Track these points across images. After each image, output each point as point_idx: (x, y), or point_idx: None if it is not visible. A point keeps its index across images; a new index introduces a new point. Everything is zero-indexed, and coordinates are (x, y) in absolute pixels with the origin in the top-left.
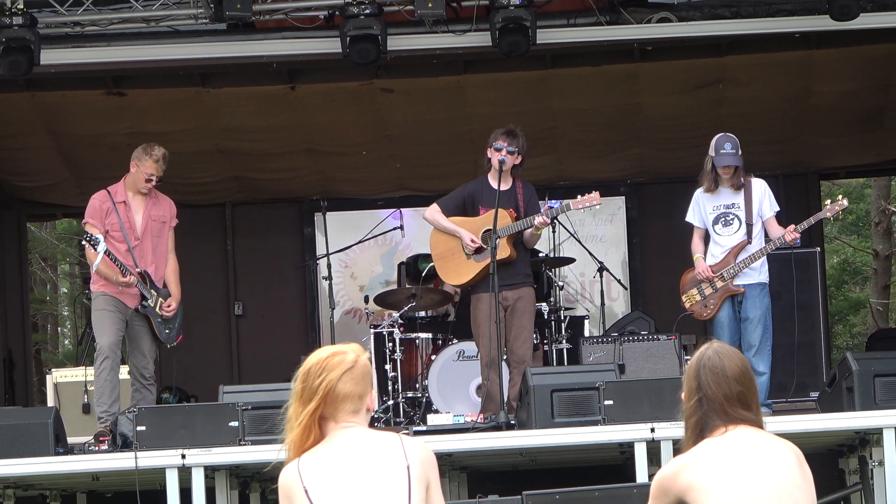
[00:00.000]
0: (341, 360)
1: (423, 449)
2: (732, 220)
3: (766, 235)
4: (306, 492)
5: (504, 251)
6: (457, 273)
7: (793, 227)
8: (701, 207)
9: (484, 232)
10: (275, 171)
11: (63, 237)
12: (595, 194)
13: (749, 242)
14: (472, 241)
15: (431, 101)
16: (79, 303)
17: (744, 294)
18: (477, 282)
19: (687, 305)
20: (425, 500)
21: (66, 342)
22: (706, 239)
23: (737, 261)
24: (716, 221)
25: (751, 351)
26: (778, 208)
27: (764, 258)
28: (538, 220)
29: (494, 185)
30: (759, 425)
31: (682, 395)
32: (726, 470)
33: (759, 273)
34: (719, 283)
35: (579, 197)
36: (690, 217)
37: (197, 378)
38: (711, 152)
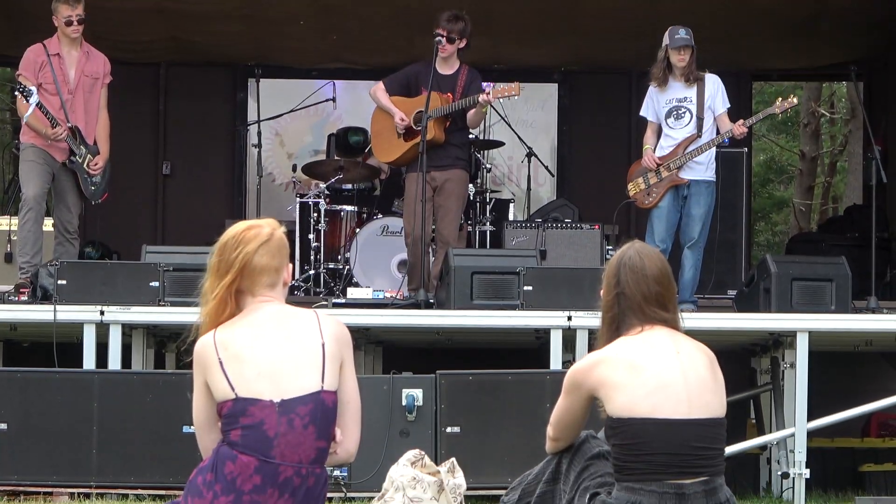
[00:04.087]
0: (257, 233)
1: (338, 326)
2: (684, 113)
3: (718, 132)
4: (221, 363)
5: (431, 133)
6: (388, 151)
7: (741, 121)
8: (654, 101)
9: (417, 113)
10: (212, 34)
11: None
12: (515, 85)
13: (699, 136)
14: (402, 119)
15: None
16: (8, 150)
17: (688, 189)
18: (406, 161)
19: (631, 193)
20: (338, 376)
21: None
22: (659, 134)
23: (684, 152)
24: (668, 115)
25: (689, 244)
26: (729, 105)
27: (711, 154)
28: (482, 97)
29: (438, 68)
30: (675, 326)
31: (601, 292)
32: (639, 368)
33: (705, 169)
34: (665, 173)
35: (500, 86)
36: (644, 111)
37: (121, 235)
38: (666, 41)
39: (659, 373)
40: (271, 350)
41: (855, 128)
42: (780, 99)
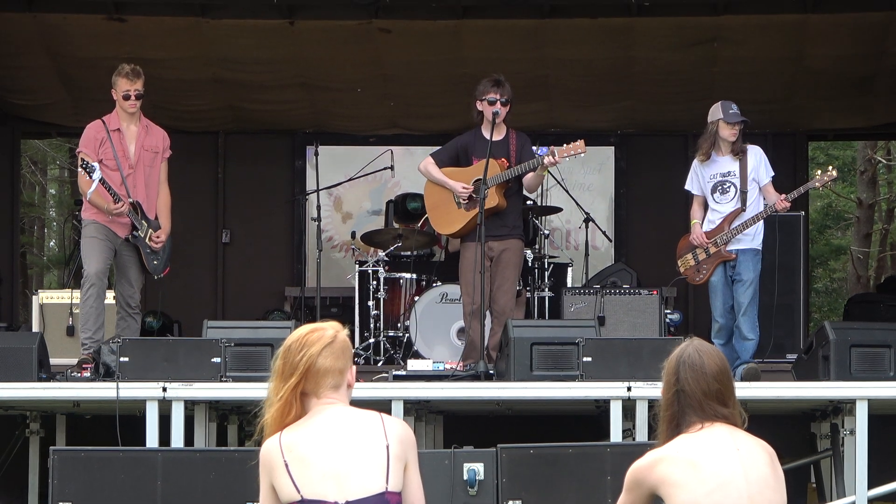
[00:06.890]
0: (321, 335)
1: (402, 428)
2: (729, 188)
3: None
4: (287, 466)
5: (493, 200)
6: (448, 223)
7: (784, 196)
8: (699, 176)
9: (475, 181)
10: (269, 102)
11: (53, 143)
12: (580, 143)
13: (743, 210)
14: (464, 188)
15: (428, 43)
16: (68, 222)
17: (736, 259)
18: (469, 231)
19: (681, 270)
20: (403, 478)
21: (52, 243)
22: (706, 206)
23: (730, 227)
24: (714, 190)
25: (741, 311)
26: (773, 174)
27: (758, 225)
28: (547, 159)
29: (487, 135)
30: (735, 423)
31: (661, 390)
32: (699, 466)
33: (752, 239)
34: (713, 249)
35: (565, 145)
36: (689, 185)
37: (181, 303)
38: (719, 115)
39: (719, 470)
40: (336, 452)
41: None
42: (818, 172)
